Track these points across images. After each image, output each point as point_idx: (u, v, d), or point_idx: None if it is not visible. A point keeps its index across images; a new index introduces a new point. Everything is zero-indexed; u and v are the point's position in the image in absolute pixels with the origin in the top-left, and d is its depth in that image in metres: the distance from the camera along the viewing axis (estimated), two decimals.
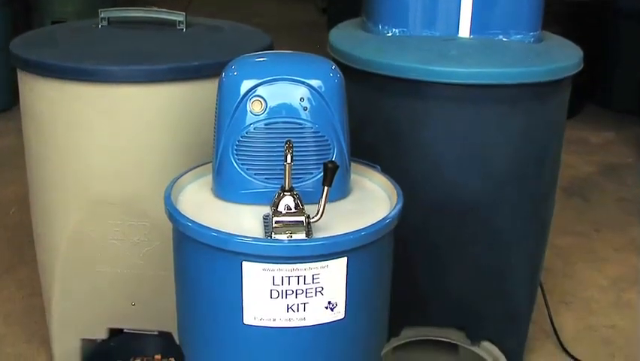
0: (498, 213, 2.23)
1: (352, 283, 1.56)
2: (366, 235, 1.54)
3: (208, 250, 1.54)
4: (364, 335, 1.66)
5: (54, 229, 2.29)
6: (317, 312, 1.55)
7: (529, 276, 2.42)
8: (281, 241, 1.51)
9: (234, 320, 1.57)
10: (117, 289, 2.31)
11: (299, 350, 1.59)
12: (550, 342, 2.75)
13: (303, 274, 1.51)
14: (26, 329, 2.74)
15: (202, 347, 1.68)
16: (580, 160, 4.36)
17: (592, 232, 3.59)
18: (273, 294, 1.52)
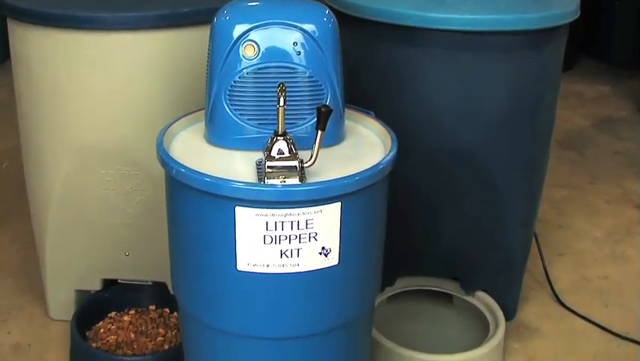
0: (492, 163, 2.22)
1: (346, 229, 1.55)
2: (360, 179, 1.53)
3: (201, 196, 1.52)
4: (358, 281, 1.66)
5: (46, 179, 2.28)
6: (311, 258, 1.54)
7: (523, 226, 2.42)
8: (274, 186, 1.50)
9: (227, 266, 1.56)
10: (110, 239, 2.30)
11: (293, 297, 1.59)
12: (544, 293, 2.75)
13: (296, 220, 1.50)
14: (21, 281, 2.73)
15: (196, 295, 1.67)
16: (575, 114, 4.34)
17: (586, 184, 3.58)
18: (267, 239, 1.51)
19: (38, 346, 2.43)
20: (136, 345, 2.33)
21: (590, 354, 2.46)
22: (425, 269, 2.46)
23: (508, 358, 2.42)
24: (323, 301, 1.61)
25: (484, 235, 2.34)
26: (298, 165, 1.53)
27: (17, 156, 2.45)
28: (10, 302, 2.63)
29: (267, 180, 1.52)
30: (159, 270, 2.25)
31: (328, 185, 1.50)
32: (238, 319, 1.62)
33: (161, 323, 2.42)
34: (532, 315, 2.63)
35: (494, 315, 2.41)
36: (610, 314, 2.64)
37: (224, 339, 1.68)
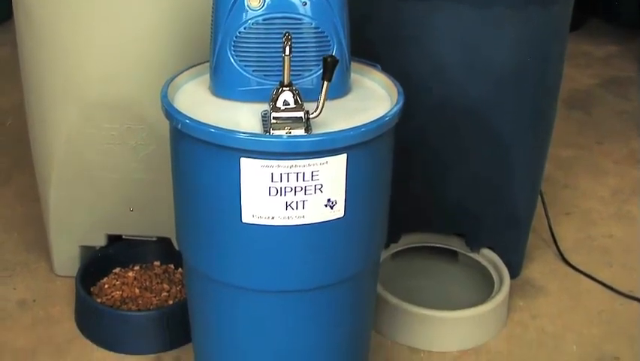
0: (499, 117, 2.20)
1: (352, 181, 1.54)
2: (366, 131, 1.51)
3: (206, 147, 1.51)
4: (364, 234, 1.65)
5: (50, 134, 2.27)
6: (316, 210, 1.53)
7: (529, 183, 2.41)
8: (279, 137, 1.49)
9: (232, 218, 1.55)
10: (115, 194, 2.30)
11: (298, 249, 1.58)
12: (549, 251, 2.75)
13: (302, 171, 1.49)
14: (26, 237, 2.74)
15: (201, 248, 1.66)
16: (582, 73, 4.31)
17: (593, 144, 3.57)
18: (272, 191, 1.50)
19: (43, 301, 2.43)
20: (140, 301, 2.33)
21: (594, 312, 2.46)
22: (430, 226, 2.46)
23: (513, 315, 2.42)
24: (328, 254, 1.60)
25: (490, 191, 2.33)
26: (304, 116, 1.52)
27: (21, 114, 2.44)
28: (15, 258, 2.64)
29: (272, 131, 1.51)
30: (164, 226, 2.25)
31: (334, 136, 1.49)
32: (243, 272, 1.62)
33: (165, 279, 2.42)
34: (537, 273, 2.63)
35: (499, 272, 2.41)
36: (614, 273, 2.64)
37: (229, 293, 1.67)
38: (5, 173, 3.15)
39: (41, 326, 2.33)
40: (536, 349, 2.30)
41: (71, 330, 2.31)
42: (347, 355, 1.82)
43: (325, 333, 1.73)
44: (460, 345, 2.26)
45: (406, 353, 2.25)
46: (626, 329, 2.38)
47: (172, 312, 2.22)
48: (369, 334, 1.93)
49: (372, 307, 1.88)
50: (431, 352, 2.25)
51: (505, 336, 2.34)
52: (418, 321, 2.24)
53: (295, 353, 1.73)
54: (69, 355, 2.22)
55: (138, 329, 2.22)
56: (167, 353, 2.23)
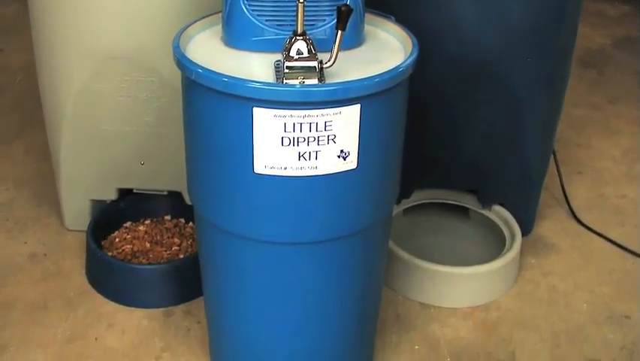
0: (513, 74, 2.18)
1: (365, 132, 1.52)
2: (380, 81, 1.50)
3: (218, 97, 1.50)
4: (376, 186, 1.64)
5: (60, 87, 2.26)
6: (329, 161, 1.52)
7: (543, 139, 2.40)
8: (292, 86, 1.47)
9: (245, 169, 1.54)
10: (125, 148, 2.29)
11: (310, 200, 1.57)
12: (561, 210, 2.74)
13: (315, 121, 1.48)
14: (36, 193, 2.74)
15: (212, 200, 1.66)
16: (595, 32, 4.28)
17: (606, 104, 3.54)
18: (285, 141, 1.49)
19: (54, 255, 2.44)
20: (151, 254, 2.34)
21: (605, 271, 2.46)
22: (442, 181, 2.45)
23: (524, 273, 2.42)
24: (341, 206, 1.59)
25: (504, 147, 2.31)
26: (317, 66, 1.50)
27: (31, 71, 2.43)
28: (26, 213, 2.64)
29: (285, 80, 1.49)
30: (175, 179, 2.25)
31: (348, 86, 1.47)
32: (255, 223, 1.61)
33: (176, 233, 2.42)
34: (549, 231, 2.63)
35: (511, 229, 2.40)
36: (626, 232, 2.64)
37: (241, 245, 1.67)
38: (16, 129, 3.15)
39: (52, 280, 2.33)
40: (547, 306, 2.29)
41: (82, 284, 2.32)
42: (358, 308, 1.82)
43: (337, 286, 1.72)
44: (471, 301, 2.26)
45: (416, 309, 2.25)
46: (636, 288, 2.37)
47: (182, 266, 2.22)
48: (381, 288, 1.93)
49: (383, 260, 1.87)
50: (441, 308, 2.25)
51: (515, 293, 2.34)
52: (428, 277, 2.23)
53: (307, 305, 1.73)
54: (80, 308, 2.23)
55: (149, 283, 2.22)
56: (177, 306, 2.23)
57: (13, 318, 2.18)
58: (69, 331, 2.14)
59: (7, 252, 2.45)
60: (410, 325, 2.19)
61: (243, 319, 1.79)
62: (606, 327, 2.22)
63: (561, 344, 2.15)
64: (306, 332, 1.78)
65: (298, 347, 1.81)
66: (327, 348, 1.83)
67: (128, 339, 2.12)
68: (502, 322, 2.22)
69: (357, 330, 1.87)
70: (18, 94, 3.44)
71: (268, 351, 1.82)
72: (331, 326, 1.79)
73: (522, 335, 2.18)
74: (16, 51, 3.78)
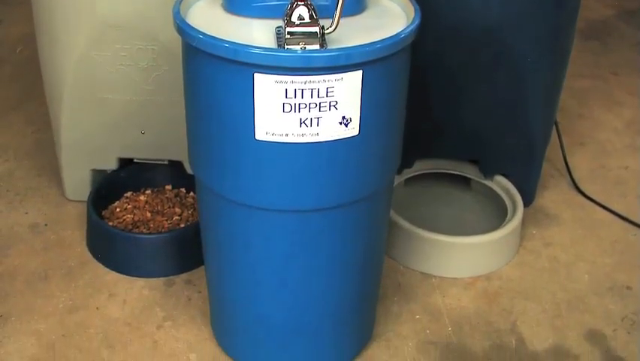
0: (517, 40, 2.17)
1: (367, 99, 1.51)
2: (382, 47, 1.48)
3: (219, 63, 1.49)
4: (378, 153, 1.63)
5: (60, 57, 2.25)
6: (331, 127, 1.51)
7: (545, 109, 2.39)
8: (294, 52, 1.46)
9: (246, 135, 1.53)
10: (126, 117, 2.28)
11: (311, 167, 1.56)
12: (563, 180, 2.74)
13: (316, 87, 1.47)
14: (37, 163, 2.73)
15: (213, 167, 1.65)
16: (599, 3, 4.26)
17: (609, 75, 3.53)
18: (286, 107, 1.48)
19: (55, 225, 2.44)
20: (152, 224, 2.33)
21: (606, 242, 2.45)
22: (444, 151, 2.44)
23: (525, 243, 2.41)
24: (342, 173, 1.59)
25: (506, 116, 2.30)
26: (319, 31, 1.48)
27: (31, 42, 2.41)
28: (27, 184, 2.64)
29: (286, 46, 1.48)
30: (175, 148, 2.24)
31: (350, 51, 1.46)
32: (256, 190, 1.60)
33: (177, 203, 2.41)
34: (551, 202, 2.62)
35: (512, 200, 2.40)
36: (628, 204, 2.63)
37: (242, 212, 1.66)
38: (16, 100, 3.14)
39: (53, 250, 2.33)
40: (548, 277, 2.29)
41: (83, 254, 2.32)
42: (360, 277, 1.82)
43: (338, 254, 1.72)
44: (472, 271, 2.26)
45: (418, 278, 2.25)
46: (638, 259, 2.37)
47: (183, 235, 2.22)
48: (382, 257, 1.93)
49: (385, 229, 1.87)
50: (443, 277, 2.25)
51: (517, 263, 2.34)
52: (430, 247, 2.23)
53: (307, 273, 1.73)
54: (81, 278, 2.22)
55: (149, 252, 2.22)
56: (178, 276, 2.23)
57: (14, 288, 2.18)
58: (70, 301, 2.14)
59: (7, 223, 2.45)
60: (411, 295, 2.19)
61: (244, 287, 1.79)
62: (607, 298, 2.22)
63: (562, 314, 2.15)
64: (307, 300, 1.78)
65: (299, 316, 1.81)
66: (328, 316, 1.83)
67: (129, 309, 2.12)
68: (503, 292, 2.22)
69: (359, 299, 1.87)
70: (18, 65, 3.42)
71: (269, 319, 1.82)
72: (332, 294, 1.79)
73: (523, 304, 2.18)
74: (15, 22, 3.76)
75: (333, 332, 1.87)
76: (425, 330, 2.08)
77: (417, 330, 2.08)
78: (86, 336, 2.03)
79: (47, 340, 2.02)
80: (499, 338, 2.06)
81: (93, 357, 1.97)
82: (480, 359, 2.00)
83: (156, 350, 1.99)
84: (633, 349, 2.04)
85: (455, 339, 2.06)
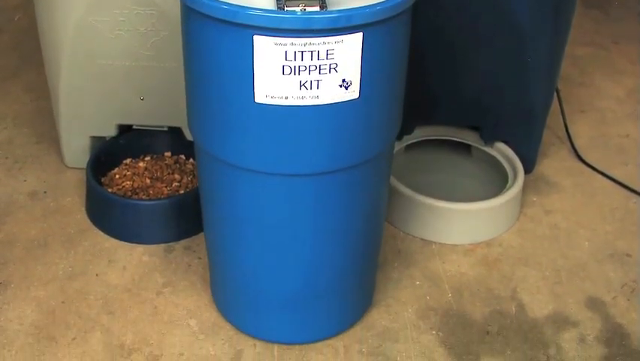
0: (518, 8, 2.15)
1: (367, 61, 1.50)
2: (382, 9, 1.47)
3: (218, 25, 1.47)
4: (378, 117, 1.62)
5: (58, 23, 2.23)
6: (331, 90, 1.50)
7: (546, 75, 2.37)
8: (293, 13, 1.44)
9: (245, 98, 1.52)
10: (125, 83, 2.27)
11: (311, 130, 1.55)
12: (564, 148, 2.73)
13: (316, 49, 1.45)
14: (35, 131, 2.72)
15: (213, 131, 1.64)
16: None
17: (610, 44, 3.51)
18: (286, 70, 1.47)
19: (54, 192, 2.43)
20: (151, 190, 2.33)
21: (607, 209, 2.45)
22: (445, 118, 2.43)
23: (526, 210, 2.41)
24: (342, 137, 1.58)
25: (507, 83, 2.29)
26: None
27: (29, 10, 2.40)
28: (26, 151, 2.63)
29: (286, 7, 1.46)
30: (175, 115, 2.23)
31: (350, 13, 1.44)
32: (256, 154, 1.60)
33: (176, 169, 2.41)
34: (552, 170, 2.61)
35: (513, 166, 2.39)
36: (629, 172, 2.63)
37: (242, 177, 1.66)
38: (14, 68, 3.13)
39: (52, 217, 2.33)
40: (548, 243, 2.29)
41: (82, 221, 2.31)
42: (360, 242, 1.82)
43: (339, 218, 1.72)
44: (472, 238, 2.26)
45: (418, 245, 2.25)
46: (639, 226, 2.37)
47: (183, 201, 2.22)
48: (382, 223, 1.92)
49: (385, 194, 1.86)
50: (443, 244, 2.25)
51: (517, 230, 2.33)
52: (430, 213, 2.23)
53: (308, 238, 1.73)
54: (80, 245, 2.22)
55: (149, 218, 2.22)
56: (177, 242, 2.23)
57: (14, 255, 2.18)
58: (70, 267, 2.14)
59: (7, 190, 2.44)
60: (411, 261, 2.19)
61: (244, 252, 1.79)
62: (607, 265, 2.22)
63: (562, 280, 2.15)
64: (308, 265, 1.78)
65: (299, 281, 1.81)
66: (329, 282, 1.83)
67: (129, 275, 2.12)
68: (503, 258, 2.22)
69: (359, 264, 1.87)
70: (16, 33, 3.41)
71: (269, 284, 1.82)
72: (333, 259, 1.79)
73: (523, 271, 2.18)
74: None
75: (334, 297, 1.87)
76: (425, 296, 2.08)
77: (417, 296, 2.08)
78: (85, 303, 2.03)
79: (47, 306, 2.02)
80: (499, 304, 2.06)
81: (93, 323, 1.97)
82: (480, 325, 2.00)
83: (156, 316, 1.99)
84: (633, 316, 2.04)
85: (455, 305, 2.06)
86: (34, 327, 1.95)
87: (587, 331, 2.00)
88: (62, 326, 1.96)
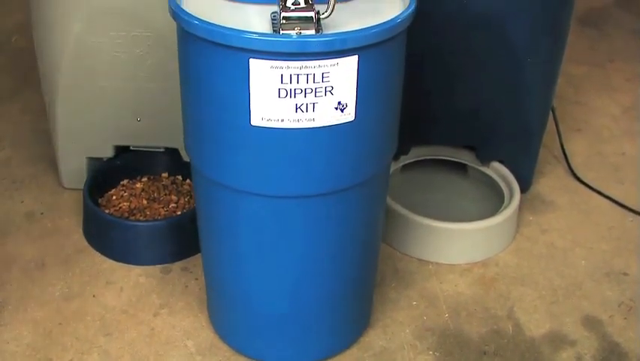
0: (514, 28, 2.16)
1: (363, 84, 1.51)
2: (377, 32, 1.48)
3: (214, 49, 1.48)
4: (374, 139, 1.63)
5: (55, 45, 2.24)
6: (326, 113, 1.51)
7: (542, 95, 2.38)
8: (289, 36, 1.45)
9: (241, 121, 1.53)
10: (121, 104, 2.28)
11: (307, 153, 1.56)
12: (560, 167, 2.73)
13: (312, 72, 1.46)
14: (33, 152, 2.73)
15: (210, 153, 1.64)
16: None
17: (605, 61, 3.52)
18: (281, 93, 1.48)
19: (51, 213, 2.43)
20: (148, 211, 2.33)
21: (603, 228, 2.45)
22: (441, 137, 2.43)
23: (522, 229, 2.41)
24: (338, 159, 1.58)
25: (503, 102, 2.30)
26: (314, 16, 1.47)
27: (26, 31, 2.40)
28: (23, 172, 2.63)
29: (282, 31, 1.47)
30: (171, 136, 2.24)
31: (345, 36, 1.45)
32: (252, 177, 1.60)
33: (173, 190, 2.41)
34: (548, 188, 2.62)
35: (509, 186, 2.40)
36: (625, 190, 2.63)
37: (238, 199, 1.66)
38: (12, 89, 3.13)
39: (49, 238, 2.33)
40: (545, 263, 2.29)
41: (79, 242, 2.31)
42: (357, 263, 1.82)
43: (335, 239, 1.72)
44: (469, 257, 2.26)
45: (415, 265, 2.25)
46: (635, 245, 2.37)
47: (180, 222, 2.22)
48: (379, 243, 1.92)
49: (381, 215, 1.87)
50: (440, 264, 2.25)
51: (514, 249, 2.33)
52: (427, 233, 2.23)
53: (305, 259, 1.73)
54: (77, 266, 2.22)
55: (146, 240, 2.22)
56: (174, 263, 2.23)
57: (11, 276, 2.18)
58: (67, 288, 2.14)
59: (4, 211, 2.44)
60: (408, 281, 2.19)
61: (241, 274, 1.79)
62: (604, 284, 2.22)
63: (559, 300, 2.15)
64: (305, 286, 1.78)
65: (297, 303, 1.81)
66: (326, 303, 1.83)
67: (126, 296, 2.12)
68: (500, 278, 2.22)
69: (356, 285, 1.87)
70: (13, 54, 3.41)
71: (265, 305, 1.82)
72: (330, 280, 1.79)
73: (520, 291, 2.18)
74: (10, 11, 3.75)
75: (331, 318, 1.87)
76: (422, 316, 2.08)
77: (414, 316, 2.08)
78: (82, 324, 2.03)
79: (44, 328, 2.01)
80: (496, 324, 2.06)
81: (90, 345, 1.97)
82: (477, 345, 2.00)
83: (153, 338, 1.99)
84: (630, 335, 2.04)
85: (452, 325, 2.06)
86: (31, 348, 1.95)
87: (584, 350, 2.00)
88: (59, 348, 1.96)
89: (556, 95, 2.53)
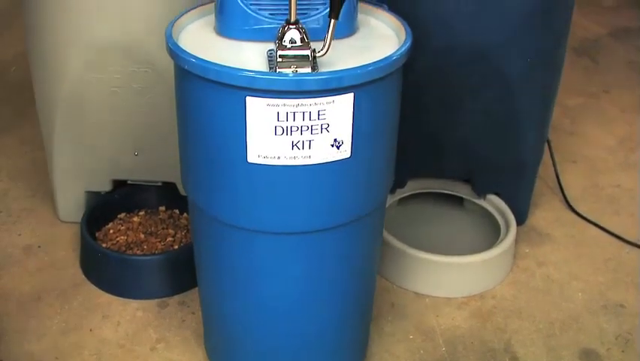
0: (508, 60, 2.18)
1: (359, 121, 1.52)
2: (373, 70, 1.49)
3: (211, 86, 1.49)
4: (370, 175, 1.63)
5: (53, 79, 2.26)
6: (322, 150, 1.52)
7: (537, 127, 2.40)
8: (285, 75, 1.46)
9: (238, 158, 1.53)
10: (119, 139, 2.29)
11: (304, 190, 1.56)
12: (556, 199, 2.74)
13: (308, 110, 1.47)
14: (30, 184, 2.73)
15: (206, 190, 1.65)
16: (591, 22, 4.27)
17: (600, 92, 3.54)
18: (278, 130, 1.49)
19: (48, 247, 2.44)
20: (146, 245, 2.33)
21: (600, 260, 2.45)
22: (437, 171, 2.44)
23: (519, 262, 2.42)
24: (334, 195, 1.59)
25: (498, 136, 2.31)
26: (310, 54, 1.49)
27: (25, 62, 2.42)
28: (20, 205, 2.64)
29: (278, 69, 1.48)
30: (169, 170, 2.25)
31: (341, 74, 1.46)
32: (249, 213, 1.60)
33: (170, 224, 2.42)
34: (544, 221, 2.63)
35: (505, 218, 2.40)
36: (621, 222, 2.64)
37: (235, 235, 1.66)
38: (9, 121, 3.14)
39: (46, 272, 2.33)
40: (542, 295, 2.29)
41: (76, 275, 2.31)
42: (353, 297, 1.82)
43: (332, 274, 1.72)
44: (466, 291, 2.26)
45: (411, 298, 2.25)
46: (632, 277, 2.37)
47: (177, 256, 2.22)
48: (375, 277, 1.93)
49: (378, 249, 1.87)
50: (436, 297, 2.25)
51: (510, 282, 2.34)
52: (423, 266, 2.23)
53: (302, 294, 1.73)
54: (74, 300, 2.22)
55: (143, 274, 2.22)
56: (171, 297, 2.23)
57: (7, 310, 2.18)
58: (64, 322, 2.14)
59: (1, 244, 2.45)
60: (405, 314, 2.19)
61: (238, 309, 1.79)
62: (601, 316, 2.22)
63: (556, 333, 2.15)
64: (302, 321, 1.78)
65: (293, 336, 1.81)
66: (322, 337, 1.83)
67: (123, 330, 2.12)
68: (497, 311, 2.22)
69: (352, 319, 1.87)
70: (12, 85, 3.43)
71: (263, 341, 1.82)
72: (326, 315, 1.79)
73: (517, 324, 2.18)
74: (9, 42, 3.77)
75: (328, 353, 1.87)
76: (419, 350, 2.08)
77: (411, 350, 2.08)
78: (79, 358, 2.03)
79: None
80: (493, 357, 2.06)
81: None
82: None
83: None
84: None
85: (449, 359, 2.06)
86: None
87: None
88: None
89: (552, 127, 2.55)
